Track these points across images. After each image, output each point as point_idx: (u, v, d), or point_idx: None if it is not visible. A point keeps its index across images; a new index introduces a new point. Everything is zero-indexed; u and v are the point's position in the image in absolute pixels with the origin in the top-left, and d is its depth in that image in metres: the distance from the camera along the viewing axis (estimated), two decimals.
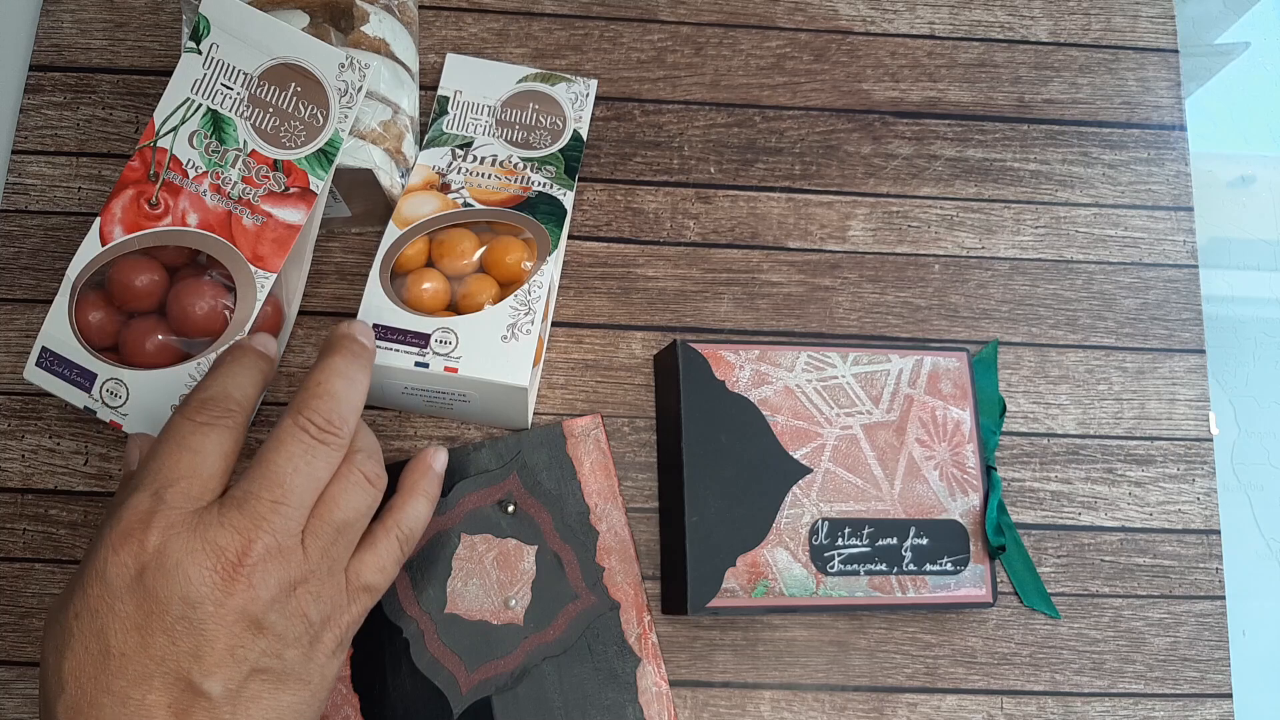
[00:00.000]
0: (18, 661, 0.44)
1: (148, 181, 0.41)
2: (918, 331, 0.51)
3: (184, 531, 0.31)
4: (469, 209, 0.45)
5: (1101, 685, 0.47)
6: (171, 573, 0.30)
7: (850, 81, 0.54)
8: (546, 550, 0.45)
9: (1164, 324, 0.52)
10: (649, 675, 0.44)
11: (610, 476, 0.46)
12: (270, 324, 0.43)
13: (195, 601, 0.30)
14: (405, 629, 0.44)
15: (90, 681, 0.30)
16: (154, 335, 0.40)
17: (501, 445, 0.46)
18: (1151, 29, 0.56)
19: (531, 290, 0.43)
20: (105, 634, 0.30)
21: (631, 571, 0.45)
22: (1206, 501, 0.49)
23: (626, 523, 0.46)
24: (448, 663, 0.43)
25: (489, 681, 0.43)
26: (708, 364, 0.45)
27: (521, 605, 0.44)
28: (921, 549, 0.45)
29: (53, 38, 0.51)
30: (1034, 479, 0.49)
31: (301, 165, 0.42)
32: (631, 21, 0.54)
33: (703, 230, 0.51)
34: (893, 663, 0.46)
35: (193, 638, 0.30)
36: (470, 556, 0.45)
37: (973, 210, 0.53)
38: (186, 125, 0.42)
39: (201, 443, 0.33)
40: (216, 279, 0.41)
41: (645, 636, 0.45)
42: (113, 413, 0.40)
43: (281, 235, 0.42)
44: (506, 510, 0.45)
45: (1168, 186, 0.54)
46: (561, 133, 0.48)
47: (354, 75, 0.43)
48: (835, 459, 0.45)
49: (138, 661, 0.30)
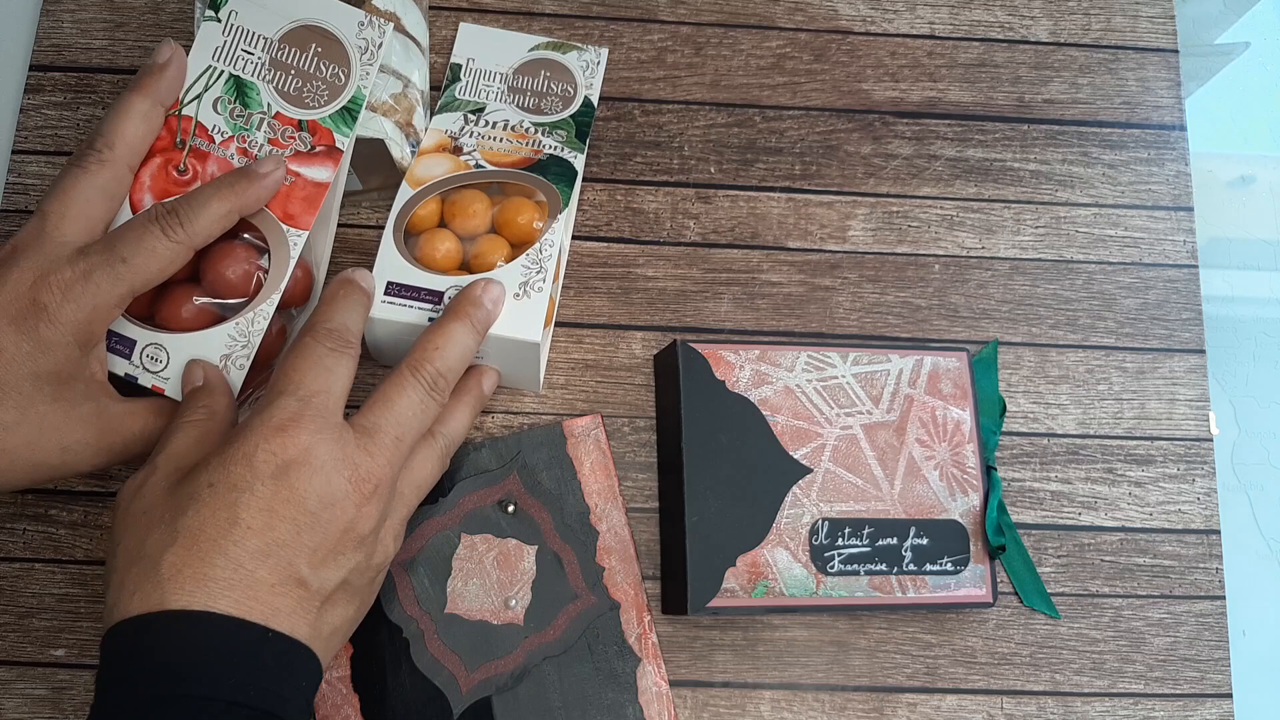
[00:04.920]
0: (18, 661, 0.44)
1: (175, 149, 0.42)
2: (918, 331, 0.51)
3: (329, 440, 0.34)
4: (481, 170, 0.45)
5: (1101, 685, 0.47)
6: (316, 472, 0.33)
7: (850, 81, 0.54)
8: (546, 550, 0.45)
9: (1164, 324, 0.52)
10: (649, 675, 0.44)
11: (610, 476, 0.46)
12: (301, 287, 0.43)
13: (330, 503, 0.34)
14: (405, 629, 0.44)
15: (209, 542, 0.32)
16: (189, 300, 0.40)
17: (501, 445, 0.46)
18: (1151, 29, 0.56)
19: (543, 249, 0.43)
20: (237, 507, 0.32)
21: (631, 571, 0.45)
22: (1206, 501, 0.49)
23: (626, 523, 0.46)
24: (448, 663, 0.43)
25: (489, 681, 0.43)
26: (708, 364, 0.45)
27: (522, 605, 0.44)
28: (921, 549, 0.45)
29: (53, 38, 0.51)
30: (1034, 479, 0.49)
31: (326, 124, 0.43)
32: (631, 21, 0.54)
33: (703, 230, 0.51)
34: (893, 663, 0.46)
35: (314, 534, 0.33)
36: (470, 556, 0.45)
37: (973, 210, 0.53)
38: (210, 92, 0.42)
39: (335, 365, 0.36)
40: (248, 241, 0.42)
41: (645, 636, 0.45)
42: (154, 377, 0.40)
43: (311, 193, 0.42)
44: (506, 510, 0.45)
45: (1168, 186, 0.54)
46: (573, 99, 0.48)
47: (374, 32, 0.44)
48: (835, 459, 0.45)
49: (260, 538, 0.32)
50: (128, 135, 0.39)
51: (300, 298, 0.43)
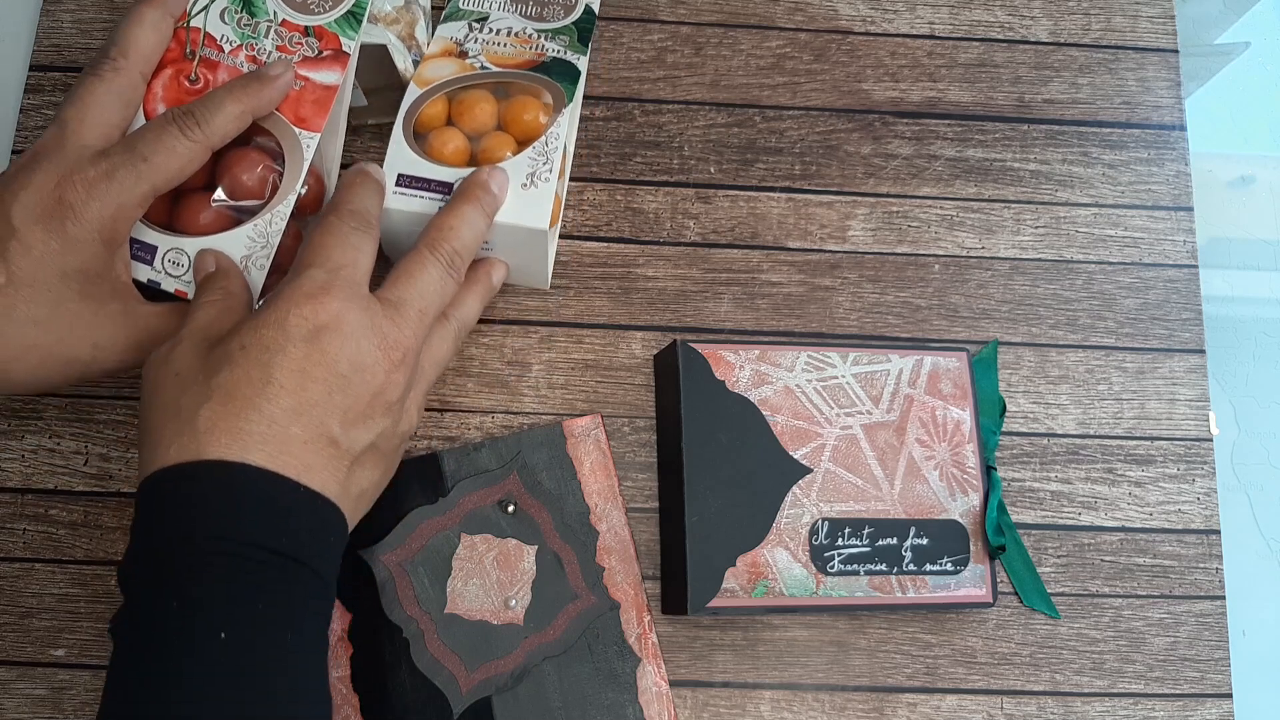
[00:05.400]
0: (18, 661, 0.44)
1: (185, 60, 0.42)
2: (918, 331, 0.51)
3: (358, 309, 0.35)
4: (487, 71, 0.46)
5: (1101, 685, 0.47)
6: (347, 337, 0.35)
7: (850, 81, 0.54)
8: (546, 550, 0.45)
9: (1164, 324, 0.52)
10: (649, 675, 0.44)
11: (610, 476, 0.46)
12: (313, 194, 0.44)
13: (360, 368, 0.35)
14: (405, 629, 0.44)
15: (243, 399, 0.33)
16: (206, 206, 0.41)
17: (501, 445, 0.46)
18: (1151, 29, 0.56)
19: (549, 142, 0.44)
20: (271, 367, 0.33)
21: (631, 571, 0.45)
22: (1206, 501, 0.49)
23: (626, 522, 0.46)
24: (448, 662, 0.43)
25: (489, 681, 0.43)
26: (708, 364, 0.45)
27: (522, 605, 0.44)
28: (921, 549, 0.45)
29: (53, 38, 0.51)
30: (1034, 479, 0.49)
31: (332, 28, 0.44)
32: (631, 21, 0.54)
33: (703, 230, 0.51)
34: (893, 663, 0.46)
35: (345, 396, 0.34)
36: (470, 556, 0.45)
37: (973, 210, 0.53)
38: (216, 3, 0.43)
39: (359, 242, 0.37)
40: (262, 145, 0.42)
41: (645, 636, 0.45)
42: (176, 281, 0.41)
43: (321, 96, 0.43)
44: (506, 510, 0.45)
45: (1168, 186, 0.54)
46: (574, 7, 0.49)
47: None
48: (835, 459, 0.45)
49: (293, 397, 0.33)
50: (140, 43, 0.40)
51: (313, 205, 0.44)
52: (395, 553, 0.44)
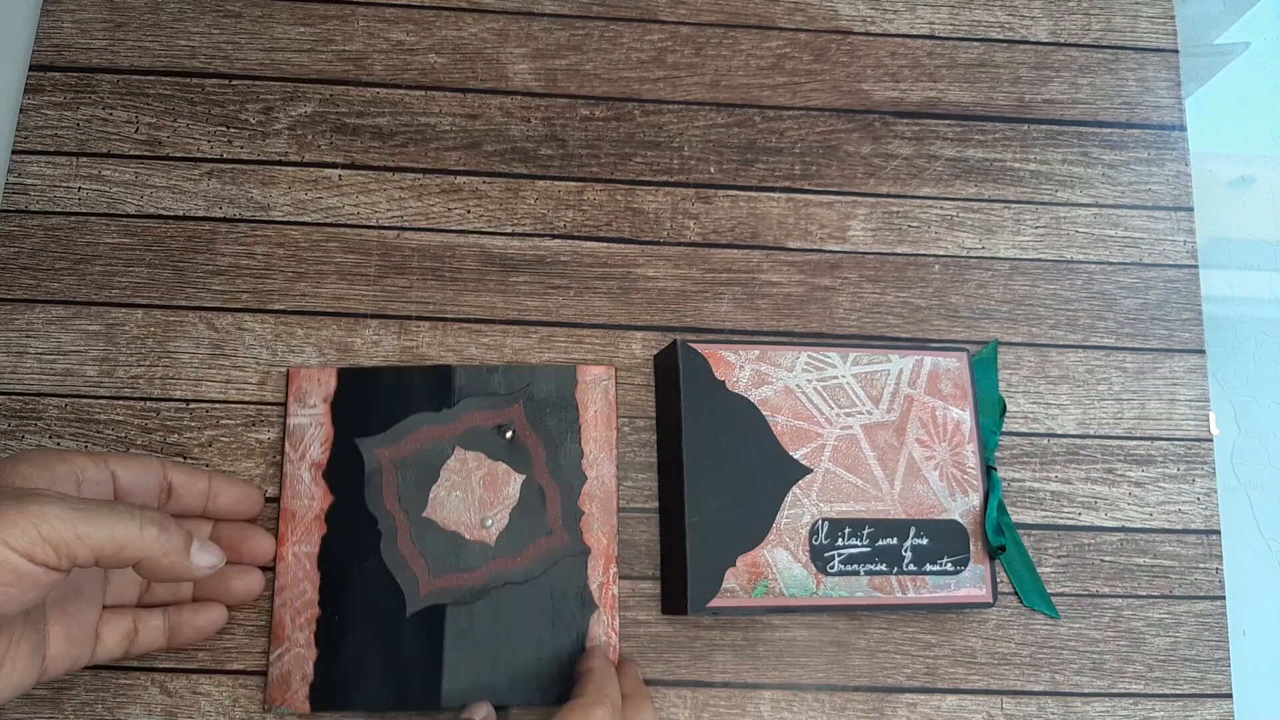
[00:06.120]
0: None
1: None
2: (918, 331, 0.51)
3: None
4: None
5: (1101, 685, 0.47)
6: None
7: (850, 81, 0.54)
8: (533, 482, 0.46)
9: (1164, 324, 0.52)
10: (601, 624, 0.45)
11: (610, 428, 0.47)
12: None
13: None
14: (381, 521, 0.45)
15: None
16: None
17: (514, 373, 0.47)
18: (1151, 29, 0.56)
19: None
20: None
21: (609, 523, 0.46)
22: (1206, 501, 0.49)
23: (615, 475, 0.47)
24: (413, 563, 0.44)
25: (448, 590, 0.44)
26: (708, 364, 0.45)
27: (497, 527, 0.45)
28: (921, 549, 0.45)
29: (53, 38, 0.51)
30: (1034, 479, 0.49)
31: None
32: (631, 21, 0.54)
33: (703, 230, 0.51)
34: (893, 663, 0.46)
35: None
36: (460, 469, 0.46)
37: (973, 210, 0.53)
38: None
39: None
40: None
41: (607, 587, 0.45)
42: None
43: None
44: (504, 436, 0.46)
45: (1168, 186, 0.54)
46: None
47: None
48: (835, 459, 0.45)
49: None
50: None
51: None
52: (389, 449, 0.46)
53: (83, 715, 0.43)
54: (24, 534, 0.31)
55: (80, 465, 0.37)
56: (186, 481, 0.41)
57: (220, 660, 0.44)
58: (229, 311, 0.48)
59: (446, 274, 0.49)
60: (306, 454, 0.46)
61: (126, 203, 0.49)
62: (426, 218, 0.50)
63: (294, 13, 0.52)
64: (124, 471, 0.38)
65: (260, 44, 0.52)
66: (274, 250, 0.49)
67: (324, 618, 0.44)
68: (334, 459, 0.46)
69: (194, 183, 0.50)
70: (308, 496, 0.45)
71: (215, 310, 0.48)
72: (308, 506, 0.45)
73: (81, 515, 0.32)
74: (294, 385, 0.47)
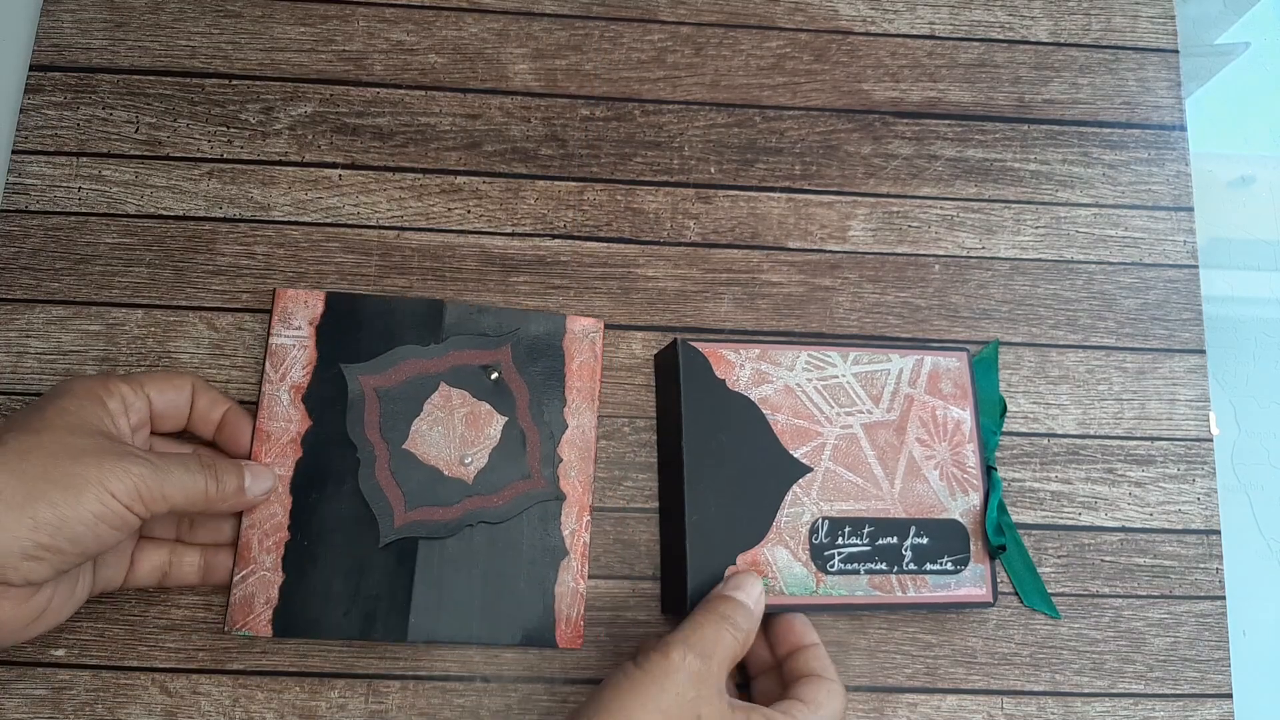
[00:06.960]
0: (18, 661, 0.44)
1: None
2: (918, 331, 0.51)
3: None
4: None
5: (1101, 685, 0.47)
6: None
7: (850, 81, 0.54)
8: (515, 425, 0.46)
9: (1164, 324, 0.52)
10: (571, 570, 0.45)
11: (594, 380, 0.48)
12: None
13: None
14: (360, 449, 0.45)
15: None
16: None
17: (505, 316, 0.47)
18: (1151, 29, 0.56)
19: None
20: None
21: (586, 471, 0.46)
22: (1206, 501, 0.49)
23: (595, 426, 0.47)
24: (390, 494, 0.44)
25: (422, 524, 0.44)
26: (708, 362, 0.45)
27: (476, 466, 0.45)
28: (922, 548, 0.45)
29: (53, 38, 0.51)
30: (1034, 479, 0.49)
31: None
32: (631, 21, 0.54)
33: (703, 230, 0.51)
34: (893, 663, 0.46)
35: None
36: (443, 405, 0.46)
37: (973, 210, 0.53)
38: None
39: None
40: None
41: (579, 534, 0.46)
42: None
43: None
44: (490, 376, 0.46)
45: (1168, 186, 0.54)
46: None
47: None
48: (835, 458, 0.45)
49: None
50: None
51: None
52: (374, 378, 0.46)
53: (83, 715, 0.43)
54: (125, 488, 0.36)
55: (122, 392, 0.40)
56: (206, 407, 0.43)
57: (220, 660, 0.44)
58: (229, 311, 0.48)
59: (447, 274, 0.49)
60: (287, 376, 0.46)
61: (126, 203, 0.49)
62: (427, 218, 0.50)
63: (294, 13, 0.52)
64: (158, 395, 0.42)
65: (260, 44, 0.52)
66: (274, 250, 0.49)
67: (293, 542, 0.44)
68: (315, 383, 0.45)
69: (194, 183, 0.50)
70: (285, 419, 0.45)
71: (215, 310, 0.48)
72: (284, 429, 0.45)
73: (163, 475, 0.38)
74: (279, 305, 0.46)
